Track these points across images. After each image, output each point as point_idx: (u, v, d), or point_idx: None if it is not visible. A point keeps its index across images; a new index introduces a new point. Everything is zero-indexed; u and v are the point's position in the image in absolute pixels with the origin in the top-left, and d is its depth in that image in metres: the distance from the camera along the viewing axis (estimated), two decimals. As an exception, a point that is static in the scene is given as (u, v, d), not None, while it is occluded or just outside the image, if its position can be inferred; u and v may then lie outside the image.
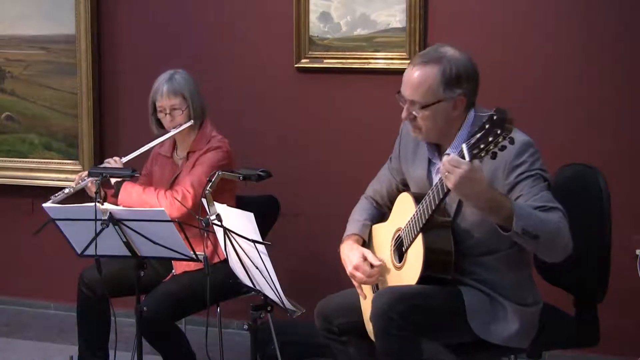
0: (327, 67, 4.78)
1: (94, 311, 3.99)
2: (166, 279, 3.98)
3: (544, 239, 2.79)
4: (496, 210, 2.77)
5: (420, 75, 3.01)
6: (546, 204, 2.87)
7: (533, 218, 2.78)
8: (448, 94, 3.00)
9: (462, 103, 3.04)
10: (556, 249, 2.88)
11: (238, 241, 3.13)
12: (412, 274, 3.04)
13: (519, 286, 3.09)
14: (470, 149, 2.65)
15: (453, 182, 2.69)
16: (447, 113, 3.04)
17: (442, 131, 3.08)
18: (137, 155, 4.03)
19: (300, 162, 4.90)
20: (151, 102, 4.08)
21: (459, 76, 3.00)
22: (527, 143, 2.95)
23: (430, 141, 3.15)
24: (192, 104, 4.02)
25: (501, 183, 2.95)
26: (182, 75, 4.05)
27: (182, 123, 4.01)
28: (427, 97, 3.00)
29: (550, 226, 2.81)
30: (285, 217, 4.44)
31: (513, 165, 2.92)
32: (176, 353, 3.90)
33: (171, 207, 3.80)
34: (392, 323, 2.91)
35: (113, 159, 3.99)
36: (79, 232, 3.43)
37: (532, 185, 2.90)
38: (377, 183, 3.52)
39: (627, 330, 4.34)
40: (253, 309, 3.22)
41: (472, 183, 2.70)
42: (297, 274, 4.80)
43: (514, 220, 2.74)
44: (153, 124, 4.12)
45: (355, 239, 3.37)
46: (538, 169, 2.94)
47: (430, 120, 3.04)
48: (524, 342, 3.08)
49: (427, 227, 2.98)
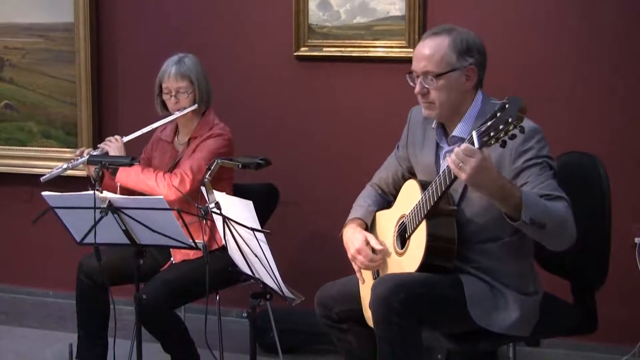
0: (327, 56, 4.77)
1: (93, 299, 3.99)
2: (164, 267, 3.98)
3: (551, 228, 2.80)
4: (506, 199, 2.77)
5: (433, 45, 3.06)
6: (552, 192, 2.88)
7: (541, 207, 2.78)
8: (461, 62, 3.04)
9: (473, 74, 3.06)
10: (561, 238, 2.88)
11: (237, 229, 3.13)
12: (413, 260, 3.04)
13: (520, 275, 3.09)
14: (480, 136, 2.65)
15: (467, 172, 2.68)
16: (460, 85, 3.06)
17: (455, 106, 3.09)
18: (138, 137, 4.03)
19: (299, 150, 4.89)
20: (158, 82, 4.08)
21: (469, 47, 3.05)
22: (534, 129, 2.96)
23: (442, 119, 3.15)
24: (198, 88, 4.02)
25: (508, 168, 2.95)
26: (191, 60, 4.06)
27: (187, 106, 4.01)
28: (441, 65, 3.03)
29: (557, 215, 2.82)
30: (285, 205, 4.44)
31: (520, 151, 2.93)
32: (175, 341, 3.90)
33: (169, 189, 3.81)
34: (393, 311, 2.91)
35: (114, 137, 3.99)
36: (78, 220, 3.43)
37: (538, 174, 2.91)
38: (383, 171, 3.52)
39: (625, 318, 4.35)
40: (252, 297, 3.21)
41: (485, 172, 2.70)
42: (297, 262, 4.80)
43: (523, 210, 2.74)
44: (158, 105, 4.12)
45: (359, 223, 3.37)
46: (545, 156, 2.95)
47: (444, 92, 3.05)
48: (525, 331, 3.08)
49: (431, 214, 2.98)
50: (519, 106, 2.57)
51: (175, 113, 4.02)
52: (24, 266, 5.49)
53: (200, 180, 3.58)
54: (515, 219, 2.77)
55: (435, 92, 3.06)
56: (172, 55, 4.08)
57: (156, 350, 4.03)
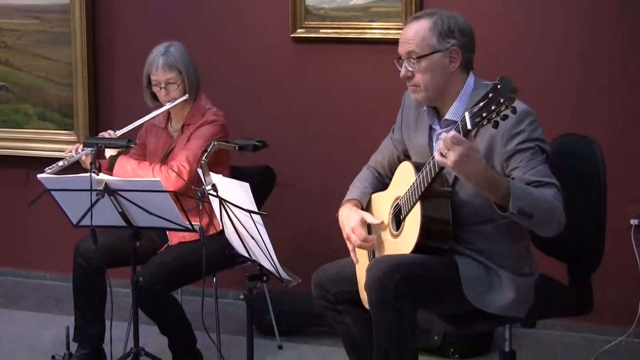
0: (323, 37, 4.76)
1: (89, 282, 3.99)
2: (161, 249, 3.99)
3: (538, 217, 2.81)
4: (493, 189, 2.77)
5: (414, 27, 3.09)
6: (542, 179, 2.88)
7: (529, 198, 2.79)
8: (442, 44, 3.05)
9: (457, 55, 3.06)
10: (549, 226, 2.90)
11: (234, 211, 3.14)
12: (408, 242, 3.05)
13: (515, 256, 3.10)
14: (472, 117, 2.65)
15: (452, 159, 2.69)
16: (444, 67, 3.06)
17: (440, 89, 3.09)
18: (132, 129, 4.02)
19: (296, 132, 4.90)
20: (145, 74, 4.06)
21: (451, 28, 3.06)
22: (526, 111, 2.96)
23: (430, 102, 3.15)
24: (187, 77, 4.01)
25: (499, 150, 2.96)
26: (177, 48, 4.04)
27: (177, 97, 4.00)
28: (422, 47, 3.05)
29: (545, 205, 2.83)
30: (281, 188, 4.45)
31: (512, 134, 2.93)
32: (172, 323, 3.91)
33: (166, 182, 3.80)
34: (388, 292, 2.92)
35: (107, 132, 3.99)
36: (74, 203, 3.43)
37: (530, 159, 2.92)
38: (379, 154, 3.53)
39: (620, 299, 4.36)
40: (249, 279, 3.22)
41: (471, 162, 2.70)
42: (293, 244, 4.81)
43: (511, 201, 2.75)
44: (147, 97, 4.11)
45: (355, 203, 3.38)
46: (537, 139, 2.95)
47: (427, 74, 3.06)
48: (521, 311, 3.09)
49: (425, 195, 2.99)
50: (511, 87, 2.58)
51: (166, 104, 4.01)
52: (21, 249, 5.49)
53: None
54: (503, 208, 2.79)
55: (419, 74, 3.07)
56: (159, 45, 4.06)
57: (153, 333, 4.04)
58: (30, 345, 4.47)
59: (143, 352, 3.71)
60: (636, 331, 4.44)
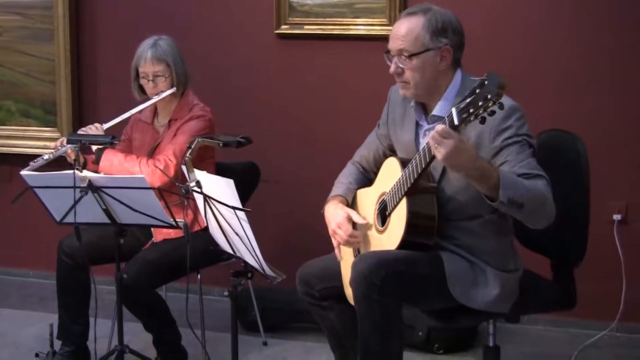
0: (308, 34, 4.76)
1: (73, 279, 3.98)
2: (146, 246, 3.98)
3: (529, 208, 2.81)
4: (484, 179, 2.78)
5: (408, 25, 3.07)
6: (531, 171, 2.89)
7: (519, 187, 2.79)
8: (435, 43, 3.04)
9: (448, 54, 3.06)
10: (540, 217, 2.90)
11: (218, 208, 3.14)
12: (393, 238, 3.05)
13: (500, 252, 3.11)
14: (459, 112, 2.66)
15: (443, 153, 2.69)
16: (435, 65, 3.07)
17: (430, 86, 3.10)
18: (118, 123, 4.02)
19: (280, 129, 4.90)
20: (134, 67, 4.06)
21: (444, 27, 3.05)
22: (513, 107, 2.97)
23: (418, 98, 3.16)
24: (175, 71, 4.00)
25: (487, 147, 2.96)
26: (166, 42, 4.03)
27: (165, 90, 4.00)
28: (414, 45, 3.04)
29: (535, 195, 2.83)
30: (266, 184, 4.46)
31: (499, 129, 2.94)
32: (156, 320, 3.91)
33: (153, 176, 3.80)
34: (373, 288, 2.92)
35: (94, 125, 3.97)
36: (58, 200, 3.42)
37: (518, 152, 2.92)
38: (364, 149, 3.53)
39: (603, 294, 4.37)
40: (233, 275, 3.22)
41: (461, 154, 2.70)
42: (278, 240, 4.82)
43: (500, 190, 2.75)
44: (135, 90, 4.11)
45: (340, 199, 3.38)
46: (524, 134, 2.96)
47: (418, 72, 3.06)
48: (505, 307, 3.10)
49: (411, 191, 2.99)
50: (498, 82, 2.58)
51: (153, 97, 4.01)
52: (4, 246, 5.47)
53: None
54: (493, 199, 2.79)
55: (410, 72, 3.07)
56: (148, 38, 4.05)
57: (137, 330, 4.04)
58: (14, 343, 4.46)
59: (127, 350, 3.70)
60: (619, 325, 4.46)
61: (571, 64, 4.46)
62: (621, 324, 4.46)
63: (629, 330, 4.50)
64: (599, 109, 4.44)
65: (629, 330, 4.50)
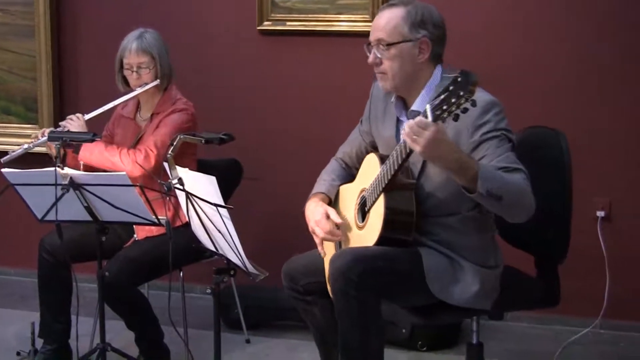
0: (290, 30, 4.77)
1: (55, 277, 3.97)
2: (128, 243, 3.97)
3: (508, 201, 2.82)
4: (462, 171, 2.78)
5: (387, 15, 3.09)
6: (510, 165, 2.90)
7: (497, 179, 2.80)
8: (413, 34, 3.05)
9: (427, 47, 3.07)
10: (519, 210, 2.91)
11: (200, 205, 3.13)
12: (372, 234, 3.06)
13: (480, 248, 3.11)
14: (433, 109, 2.67)
15: (422, 144, 2.69)
16: (413, 57, 3.07)
17: (408, 79, 3.10)
18: (100, 114, 4.01)
19: (263, 125, 4.89)
20: (118, 58, 4.05)
21: (424, 20, 3.06)
22: (491, 102, 2.97)
23: (397, 91, 3.17)
24: (159, 63, 4.00)
25: (466, 142, 2.97)
26: (152, 35, 4.04)
27: (149, 82, 3.99)
28: (392, 34, 3.05)
29: (514, 188, 2.84)
30: (248, 181, 4.45)
31: (477, 124, 2.94)
32: (139, 318, 3.90)
33: (133, 166, 3.81)
34: (351, 284, 2.93)
35: (76, 115, 3.97)
36: (39, 197, 3.41)
37: (497, 146, 2.93)
38: (347, 145, 3.54)
39: (587, 291, 4.41)
40: (216, 273, 3.22)
41: (439, 144, 2.71)
42: (260, 238, 4.81)
43: (479, 182, 2.75)
44: (119, 82, 4.10)
45: (321, 197, 3.39)
46: (503, 128, 2.96)
47: (395, 62, 3.07)
48: (485, 304, 3.11)
49: (389, 187, 3.00)
50: (471, 80, 2.59)
51: (136, 89, 4.00)
52: (-16, 244, 5.45)
53: (164, 156, 3.58)
54: (472, 191, 2.79)
55: (387, 62, 3.08)
56: (134, 30, 4.05)
57: (119, 328, 4.03)
58: (-5, 342, 4.45)
59: (109, 348, 3.70)
60: (602, 322, 4.49)
61: (557, 62, 4.48)
62: (605, 320, 4.48)
63: (612, 327, 4.53)
64: (584, 106, 4.46)
65: (612, 327, 4.53)
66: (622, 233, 4.47)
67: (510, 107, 3.08)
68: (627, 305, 4.48)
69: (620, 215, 4.48)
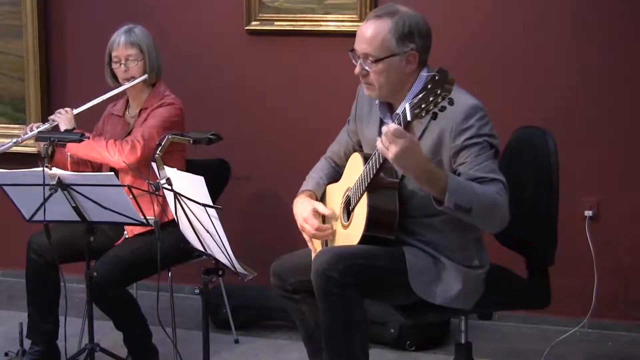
0: (278, 30, 4.78)
1: (43, 277, 3.98)
2: (118, 242, 3.97)
3: (478, 212, 2.85)
4: (432, 182, 2.81)
5: (374, 29, 3.06)
6: (487, 175, 2.91)
7: (468, 192, 2.83)
8: (401, 48, 3.04)
9: (414, 59, 3.08)
10: (490, 222, 2.94)
11: (189, 205, 3.14)
12: (356, 233, 3.09)
13: (463, 247, 3.13)
14: (412, 108, 2.69)
15: (393, 152, 2.72)
16: (400, 69, 3.08)
17: (395, 88, 3.12)
18: (89, 108, 4.03)
19: (251, 125, 4.91)
20: (107, 52, 4.09)
21: (411, 31, 3.05)
22: (474, 106, 2.99)
23: (383, 99, 3.19)
24: (148, 57, 4.03)
25: (448, 146, 2.98)
26: (141, 30, 4.09)
27: (137, 76, 4.00)
28: (380, 50, 3.05)
29: (485, 200, 2.86)
30: (236, 181, 4.46)
31: (460, 129, 2.96)
32: (127, 318, 3.91)
33: (120, 155, 3.84)
34: (332, 282, 2.96)
35: (64, 109, 3.98)
36: (27, 198, 3.42)
37: (477, 154, 2.94)
38: (336, 144, 3.57)
39: (575, 291, 4.44)
40: (204, 273, 3.23)
41: (411, 155, 2.74)
42: (249, 237, 4.83)
43: (447, 195, 2.79)
44: (108, 76, 4.12)
45: (309, 194, 3.43)
46: (486, 134, 2.97)
47: (383, 75, 3.08)
48: (468, 304, 3.12)
49: (372, 186, 3.02)
50: (447, 78, 2.61)
51: (125, 83, 4.02)
52: (-28, 245, 5.44)
53: (152, 148, 3.60)
54: (441, 202, 2.82)
55: (375, 74, 3.08)
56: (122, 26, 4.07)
57: (108, 329, 4.05)
58: (-18, 343, 4.44)
59: (98, 348, 3.70)
60: (590, 322, 4.51)
61: (546, 59, 4.50)
62: (593, 320, 4.51)
63: (600, 326, 4.56)
64: (572, 105, 4.48)
65: (600, 326, 4.56)
66: (610, 233, 4.50)
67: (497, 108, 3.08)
68: (615, 304, 4.51)
69: (608, 214, 4.51)
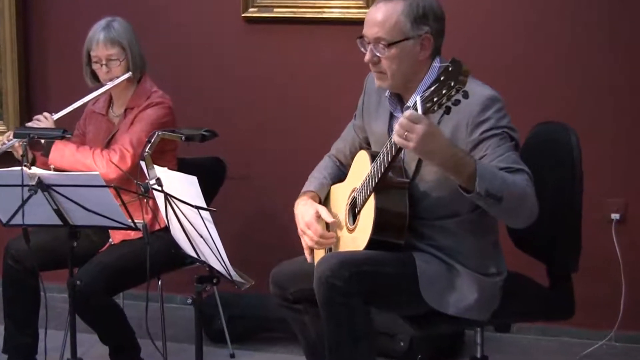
0: (278, 17, 4.78)
1: (22, 286, 3.97)
2: (103, 248, 3.97)
3: (508, 203, 2.81)
4: (459, 168, 2.78)
5: (386, 10, 3.04)
6: (512, 165, 2.89)
7: (498, 179, 2.80)
8: (415, 31, 3.03)
9: (429, 43, 3.07)
10: (520, 214, 2.91)
11: (180, 208, 3.13)
12: (362, 237, 3.08)
13: (480, 254, 3.11)
14: (423, 102, 2.67)
15: (415, 140, 2.69)
16: (414, 54, 3.06)
17: (407, 77, 3.10)
18: (70, 112, 4.01)
19: (248, 121, 4.91)
20: (85, 51, 4.06)
21: (425, 13, 3.04)
22: (492, 98, 2.97)
23: (395, 89, 3.17)
24: (131, 54, 4.01)
25: (464, 141, 2.96)
26: (120, 24, 4.04)
27: (120, 75, 3.99)
28: (393, 33, 3.03)
29: (516, 189, 2.83)
30: (233, 181, 4.45)
31: (477, 122, 2.94)
32: (113, 330, 3.91)
33: (108, 167, 3.81)
34: (336, 290, 2.95)
35: (43, 115, 3.97)
36: (4, 199, 3.41)
37: (497, 145, 2.92)
38: (341, 141, 3.56)
39: (601, 300, 4.42)
40: (197, 281, 3.23)
41: (434, 139, 2.71)
42: (246, 242, 4.82)
43: (477, 181, 2.75)
44: (87, 76, 4.10)
45: (312, 195, 3.41)
46: (505, 126, 2.96)
47: (395, 62, 3.06)
48: (483, 314, 3.11)
49: (380, 186, 3.01)
50: (461, 69, 2.59)
51: (107, 84, 4.02)
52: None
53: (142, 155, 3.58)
54: (469, 190, 2.79)
55: (387, 61, 3.06)
56: (100, 20, 4.04)
57: (92, 342, 4.05)
58: (-44, 357, 4.44)
59: (81, 363, 3.69)
60: (617, 334, 4.50)
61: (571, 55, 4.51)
62: (620, 332, 4.50)
63: (628, 339, 4.56)
64: (599, 104, 4.48)
65: (628, 339, 4.56)
66: (639, 237, 4.48)
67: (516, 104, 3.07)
68: (644, 316, 4.50)
69: (636, 217, 4.50)
